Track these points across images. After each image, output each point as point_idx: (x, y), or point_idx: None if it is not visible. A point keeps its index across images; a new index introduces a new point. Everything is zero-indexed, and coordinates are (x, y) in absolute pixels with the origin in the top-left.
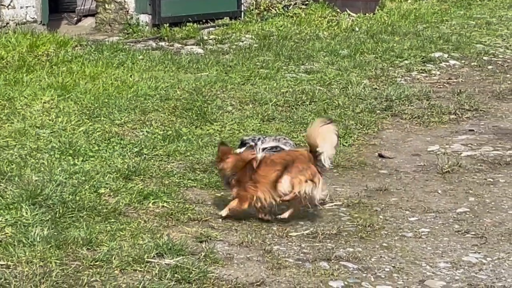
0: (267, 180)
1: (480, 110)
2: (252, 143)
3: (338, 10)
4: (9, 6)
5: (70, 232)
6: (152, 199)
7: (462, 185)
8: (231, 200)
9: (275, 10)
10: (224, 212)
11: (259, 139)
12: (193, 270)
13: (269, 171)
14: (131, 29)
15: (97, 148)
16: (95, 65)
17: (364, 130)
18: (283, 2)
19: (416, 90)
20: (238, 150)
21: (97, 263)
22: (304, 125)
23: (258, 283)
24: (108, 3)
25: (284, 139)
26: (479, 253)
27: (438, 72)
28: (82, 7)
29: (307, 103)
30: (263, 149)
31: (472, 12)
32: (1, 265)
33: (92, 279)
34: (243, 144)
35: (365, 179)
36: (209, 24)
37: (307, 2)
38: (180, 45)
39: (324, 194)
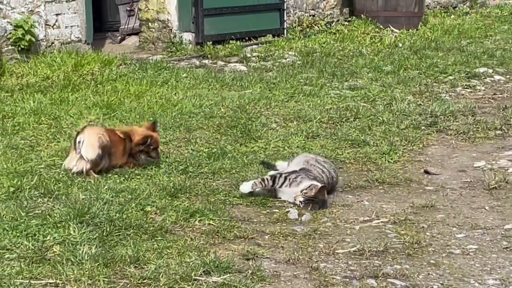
0: None
1: None
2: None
3: (381, 26)
4: (54, 26)
5: (117, 250)
6: (198, 217)
7: (510, 201)
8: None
9: (318, 27)
10: None
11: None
12: (240, 287)
13: None
14: (174, 47)
15: (143, 166)
16: (140, 83)
17: (409, 147)
18: (326, 19)
19: (461, 105)
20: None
21: (144, 281)
22: (349, 142)
23: None
24: (152, 22)
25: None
26: None
27: (483, 88)
28: (126, 26)
29: (352, 119)
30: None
31: None
32: (50, 283)
33: None
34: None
35: (411, 196)
36: (252, 42)
37: (349, 19)
38: (223, 63)
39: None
